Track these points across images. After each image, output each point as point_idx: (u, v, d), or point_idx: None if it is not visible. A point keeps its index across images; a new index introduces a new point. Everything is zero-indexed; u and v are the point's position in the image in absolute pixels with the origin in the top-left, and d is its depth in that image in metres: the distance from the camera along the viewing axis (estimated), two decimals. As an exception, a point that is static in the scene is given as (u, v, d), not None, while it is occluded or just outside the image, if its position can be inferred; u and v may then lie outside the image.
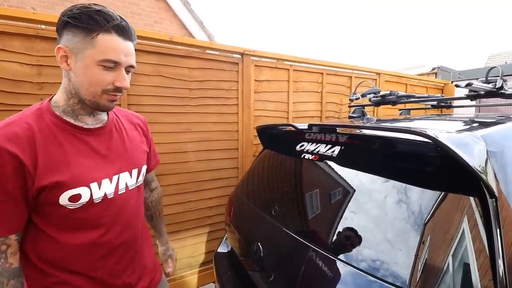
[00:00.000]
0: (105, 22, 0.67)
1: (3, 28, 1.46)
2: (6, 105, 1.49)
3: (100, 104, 0.74)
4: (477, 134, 0.77)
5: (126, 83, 0.73)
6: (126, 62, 0.72)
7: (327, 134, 1.13)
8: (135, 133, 0.93)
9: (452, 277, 0.65)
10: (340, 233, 0.88)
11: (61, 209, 0.70)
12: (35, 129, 0.67)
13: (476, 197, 0.68)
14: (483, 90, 1.25)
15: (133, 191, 0.86)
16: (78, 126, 0.75)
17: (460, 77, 3.95)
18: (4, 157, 0.62)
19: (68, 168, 0.70)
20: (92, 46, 0.67)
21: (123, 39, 0.71)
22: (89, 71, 0.69)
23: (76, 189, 0.70)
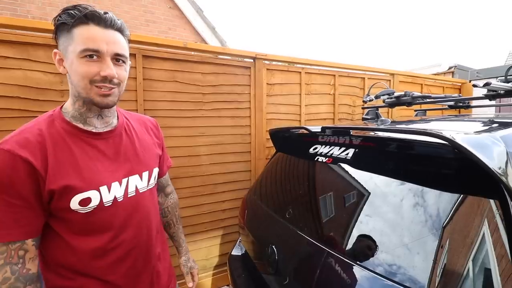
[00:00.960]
0: (78, 14, 0.67)
1: (29, 39, 1.54)
2: (31, 112, 1.57)
3: (93, 99, 0.71)
4: (496, 135, 0.75)
5: (111, 71, 0.69)
6: (109, 50, 0.69)
7: (341, 137, 1.12)
8: (147, 136, 0.93)
9: (472, 282, 0.63)
10: (356, 236, 0.87)
11: (73, 214, 0.71)
12: (45, 135, 0.69)
13: (496, 200, 0.67)
14: (503, 90, 1.21)
15: (144, 194, 0.86)
16: (86, 130, 0.76)
17: (479, 76, 3.82)
18: (17, 163, 0.64)
19: (77, 172, 0.71)
20: (72, 40, 0.67)
21: (102, 27, 0.69)
22: (74, 65, 0.68)
23: (86, 193, 0.71)
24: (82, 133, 0.75)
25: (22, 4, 4.00)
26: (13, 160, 0.64)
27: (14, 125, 1.53)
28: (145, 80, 1.87)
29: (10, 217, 0.64)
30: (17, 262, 0.65)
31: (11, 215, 0.64)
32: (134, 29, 4.73)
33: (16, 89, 1.53)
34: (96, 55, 0.68)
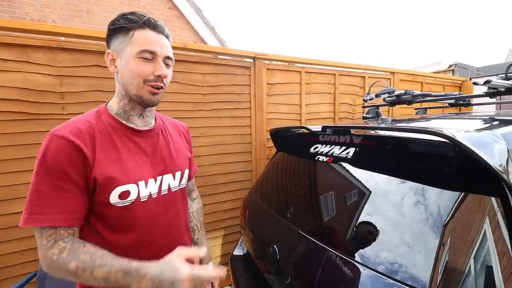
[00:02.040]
0: (138, 19, 0.75)
1: (27, 41, 1.55)
2: (30, 114, 1.57)
3: (144, 97, 0.78)
4: (497, 133, 0.75)
5: (164, 71, 0.77)
6: (162, 53, 0.77)
7: (341, 136, 1.12)
8: (179, 139, 0.98)
9: (474, 280, 0.63)
10: (357, 235, 0.87)
11: (111, 209, 0.74)
12: (94, 127, 0.74)
13: (497, 197, 0.67)
14: (503, 87, 1.20)
15: (176, 193, 0.90)
16: (129, 127, 0.81)
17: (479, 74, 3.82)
18: (70, 149, 0.68)
19: (120, 165, 0.75)
20: (130, 42, 0.75)
21: (156, 32, 0.77)
22: (130, 65, 0.75)
23: (126, 186, 0.74)
24: (126, 129, 0.80)
25: (21, 7, 4.00)
26: (66, 145, 0.68)
27: (14, 128, 1.54)
28: (145, 81, 1.86)
29: (61, 202, 0.67)
30: (68, 236, 0.68)
31: (62, 200, 0.67)
32: (133, 30, 4.73)
33: (16, 91, 1.53)
34: (152, 56, 0.75)
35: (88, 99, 1.71)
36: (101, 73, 1.74)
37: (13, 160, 1.54)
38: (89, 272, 0.64)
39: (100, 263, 0.65)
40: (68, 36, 1.65)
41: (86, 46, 1.69)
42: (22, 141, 1.56)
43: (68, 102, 1.66)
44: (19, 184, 1.56)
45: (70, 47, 1.65)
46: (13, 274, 1.56)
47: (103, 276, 0.64)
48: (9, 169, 1.53)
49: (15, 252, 1.57)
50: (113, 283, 0.64)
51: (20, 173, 1.56)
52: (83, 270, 0.64)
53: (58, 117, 1.64)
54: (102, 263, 0.65)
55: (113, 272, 0.64)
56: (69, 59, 1.65)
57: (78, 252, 0.66)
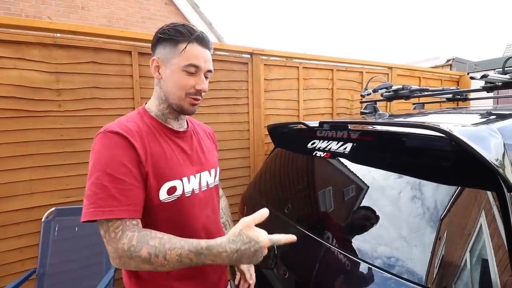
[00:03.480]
0: (189, 34, 0.78)
1: (23, 38, 1.53)
2: (26, 111, 1.56)
3: (184, 107, 0.81)
4: (493, 127, 0.75)
5: (205, 86, 0.81)
6: (205, 67, 0.81)
7: (339, 131, 1.12)
8: (207, 140, 1.03)
9: (470, 273, 0.64)
10: (354, 230, 0.88)
11: (161, 205, 0.76)
12: (141, 127, 0.78)
13: (493, 191, 0.67)
14: (500, 81, 1.20)
15: (212, 189, 0.94)
16: (169, 127, 0.85)
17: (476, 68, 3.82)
18: (126, 144, 0.71)
19: (166, 162, 0.78)
20: (179, 54, 0.78)
21: (202, 47, 0.80)
22: (175, 76, 0.79)
23: (173, 182, 0.78)
24: (166, 129, 0.84)
25: (16, 3, 3.95)
26: (121, 141, 0.71)
27: (10, 125, 1.53)
28: (142, 78, 1.86)
29: (124, 195, 0.68)
30: (134, 226, 0.69)
31: (124, 193, 0.68)
32: (130, 26, 4.69)
33: (11, 88, 1.52)
34: (195, 70, 0.79)
35: (85, 96, 1.70)
36: (98, 69, 1.73)
37: (10, 157, 1.53)
38: (162, 257, 0.64)
39: (170, 246, 0.65)
40: (63, 32, 1.64)
41: (82, 42, 1.68)
42: (18, 139, 1.55)
43: (65, 99, 1.65)
44: (17, 182, 1.55)
45: (65, 44, 1.63)
46: (12, 272, 1.57)
47: (176, 258, 0.65)
48: (6, 166, 1.53)
49: (14, 250, 1.57)
50: (188, 264, 0.66)
51: (17, 170, 1.55)
52: (156, 255, 0.64)
53: (55, 114, 1.63)
54: (171, 246, 0.65)
55: (185, 254, 0.65)
56: (65, 56, 1.64)
57: (146, 238, 0.66)
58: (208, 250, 0.65)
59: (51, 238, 1.59)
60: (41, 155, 1.61)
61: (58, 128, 1.64)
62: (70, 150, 1.67)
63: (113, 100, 1.78)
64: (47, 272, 1.55)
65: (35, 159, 1.59)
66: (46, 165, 1.62)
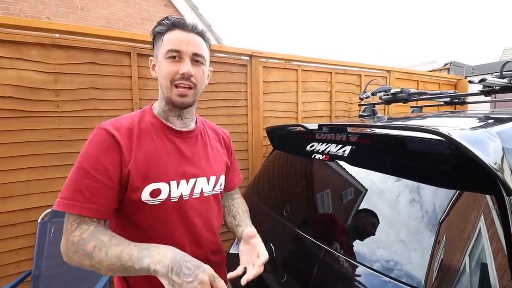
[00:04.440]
0: (167, 22, 0.77)
1: (21, 38, 1.52)
2: (24, 112, 1.55)
3: (172, 99, 0.78)
4: (492, 131, 0.75)
5: (187, 68, 0.76)
6: (189, 51, 0.77)
7: (337, 134, 1.12)
8: (218, 144, 0.99)
9: (469, 277, 0.63)
10: (353, 233, 0.88)
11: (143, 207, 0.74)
12: (135, 124, 0.77)
13: (492, 195, 0.67)
14: (498, 85, 1.21)
15: (208, 198, 0.87)
16: (169, 126, 0.83)
17: (474, 72, 3.84)
18: (109, 140, 0.71)
19: (154, 163, 0.76)
20: (161, 45, 0.77)
21: (184, 31, 0.77)
22: (161, 67, 0.77)
23: (157, 184, 0.75)
24: (166, 128, 0.82)
25: (15, 3, 3.95)
26: (106, 136, 0.71)
27: (7, 126, 1.52)
28: (140, 79, 1.85)
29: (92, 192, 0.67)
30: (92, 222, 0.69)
31: (93, 190, 0.67)
32: (129, 27, 4.69)
33: (9, 89, 1.51)
34: (178, 55, 0.76)
35: (83, 96, 1.69)
36: (96, 70, 1.72)
37: (6, 158, 1.52)
38: (104, 252, 0.62)
39: (117, 243, 0.64)
40: (62, 33, 1.63)
41: (80, 43, 1.67)
42: (16, 139, 1.54)
43: (63, 100, 1.64)
44: (13, 183, 1.54)
45: (64, 44, 1.63)
46: (8, 273, 1.55)
47: (117, 253, 0.62)
48: (2, 167, 1.51)
49: (10, 251, 1.56)
50: (126, 261, 0.61)
51: (14, 171, 1.54)
52: (99, 249, 0.63)
53: (53, 114, 1.62)
54: (119, 243, 0.64)
55: (127, 250, 0.62)
56: (63, 56, 1.63)
57: (98, 234, 0.65)
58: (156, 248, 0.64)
59: (47, 240, 1.58)
60: (38, 155, 1.60)
61: (56, 128, 1.63)
62: (68, 151, 1.66)
63: (111, 101, 1.78)
64: (43, 274, 1.53)
65: (32, 160, 1.58)
66: (44, 166, 1.61)
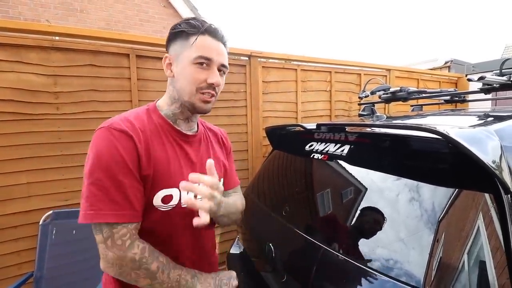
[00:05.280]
0: (200, 26, 0.74)
1: (20, 41, 1.53)
2: (24, 115, 1.56)
3: (196, 104, 0.76)
4: (490, 129, 0.75)
5: (218, 79, 0.75)
6: (218, 61, 0.76)
7: (336, 133, 1.12)
8: (217, 145, 0.97)
9: (468, 275, 0.63)
10: (352, 232, 0.88)
11: (154, 212, 0.71)
12: (146, 126, 0.73)
13: (491, 194, 0.67)
14: (497, 83, 1.21)
15: None
16: (177, 129, 0.79)
17: (474, 70, 3.84)
18: (128, 142, 0.67)
19: (167, 167, 0.73)
20: (189, 47, 0.73)
21: (215, 40, 0.76)
22: (185, 70, 0.74)
23: (170, 190, 0.73)
24: (174, 131, 0.79)
25: (14, 6, 3.96)
26: (123, 138, 0.66)
27: (8, 128, 1.52)
28: (140, 80, 1.86)
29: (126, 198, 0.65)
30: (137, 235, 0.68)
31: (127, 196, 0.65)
32: (128, 28, 4.70)
33: (9, 92, 1.52)
34: (207, 63, 0.74)
35: (83, 98, 1.70)
36: (95, 72, 1.73)
37: (7, 160, 1.53)
38: (167, 274, 0.67)
39: (174, 265, 0.70)
40: (61, 35, 1.64)
41: (79, 45, 1.68)
42: (16, 142, 1.54)
43: (62, 102, 1.65)
44: (14, 185, 1.55)
45: (63, 47, 1.63)
46: (9, 275, 1.56)
47: (176, 277, 0.68)
48: (3, 170, 1.52)
49: (11, 253, 1.57)
50: (183, 285, 0.69)
51: (15, 173, 1.55)
52: (162, 271, 0.66)
53: (53, 117, 1.63)
54: (175, 266, 0.70)
55: (184, 275, 0.70)
56: (62, 59, 1.64)
57: (156, 254, 0.68)
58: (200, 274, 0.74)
59: (48, 242, 1.58)
60: (38, 158, 1.60)
61: (56, 131, 1.64)
62: (68, 153, 1.67)
63: (111, 102, 1.78)
64: (45, 275, 1.54)
65: (32, 162, 1.59)
66: (44, 168, 1.62)
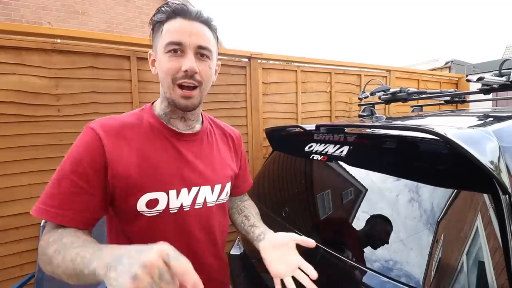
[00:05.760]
0: (167, 9, 0.65)
1: (23, 44, 1.54)
2: (26, 117, 1.57)
3: (175, 101, 0.68)
4: (488, 130, 0.75)
5: (191, 64, 0.64)
6: (192, 43, 0.65)
7: (335, 134, 1.13)
8: (225, 147, 0.88)
9: (466, 276, 0.64)
10: (351, 233, 0.88)
11: (139, 218, 0.66)
12: (129, 125, 0.68)
13: (489, 194, 0.67)
14: (497, 84, 1.21)
15: (211, 209, 0.78)
16: (170, 128, 0.73)
17: (475, 70, 3.83)
18: (94, 141, 0.63)
19: (152, 169, 0.67)
20: (160, 36, 0.66)
21: (187, 19, 0.65)
22: (161, 63, 0.66)
23: (155, 193, 0.66)
24: (167, 130, 0.72)
25: (16, 9, 3.99)
26: (92, 137, 0.63)
27: (10, 130, 1.54)
28: (140, 82, 1.87)
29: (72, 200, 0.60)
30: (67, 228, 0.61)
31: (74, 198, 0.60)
32: (129, 31, 4.72)
33: (11, 94, 1.53)
34: (179, 49, 0.64)
35: (84, 100, 1.71)
36: (97, 74, 1.74)
37: (9, 162, 1.54)
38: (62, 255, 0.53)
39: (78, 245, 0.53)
40: (63, 38, 1.66)
41: (80, 48, 1.69)
42: (18, 143, 1.55)
43: (64, 104, 1.66)
44: (16, 186, 1.56)
45: (65, 49, 1.65)
46: (11, 276, 1.57)
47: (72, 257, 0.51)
48: (5, 171, 1.53)
49: (13, 254, 1.57)
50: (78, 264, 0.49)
51: (17, 175, 1.56)
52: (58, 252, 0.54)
53: (54, 119, 1.64)
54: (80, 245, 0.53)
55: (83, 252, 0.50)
56: (64, 61, 1.65)
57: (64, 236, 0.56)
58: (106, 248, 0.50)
59: (50, 243, 1.59)
60: (40, 159, 1.61)
61: (58, 132, 1.65)
62: (69, 155, 1.68)
63: (112, 104, 1.79)
64: (46, 276, 1.54)
65: (34, 164, 1.60)
66: (46, 169, 1.62)
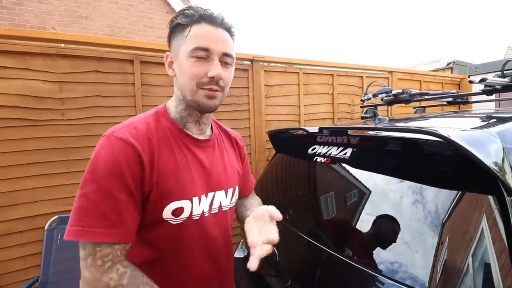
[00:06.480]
0: (193, 14, 0.65)
1: (27, 48, 1.56)
2: (30, 121, 1.58)
3: (199, 102, 0.68)
4: (492, 131, 0.75)
5: (218, 71, 0.65)
6: (218, 50, 0.66)
7: (338, 137, 1.13)
8: (231, 149, 0.89)
9: (472, 278, 0.63)
10: (356, 236, 0.88)
11: (164, 226, 0.66)
12: (153, 131, 0.67)
13: (494, 196, 0.67)
14: (499, 85, 1.21)
15: (226, 212, 0.79)
16: (188, 134, 0.73)
17: (477, 71, 3.82)
18: (130, 153, 0.60)
19: (177, 177, 0.66)
20: (184, 39, 0.66)
21: (213, 26, 0.66)
22: (184, 66, 0.66)
23: (180, 202, 0.66)
24: (185, 136, 0.72)
25: (20, 14, 4.03)
26: (124, 148, 0.60)
27: (14, 134, 1.55)
28: (143, 86, 1.88)
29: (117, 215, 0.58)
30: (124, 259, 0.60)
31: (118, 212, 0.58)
32: (132, 35, 4.76)
33: (16, 98, 1.54)
34: (206, 54, 0.65)
35: (88, 104, 1.72)
36: (100, 78, 1.75)
37: (13, 166, 1.55)
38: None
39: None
40: (67, 42, 1.67)
41: (84, 52, 1.71)
42: (22, 147, 1.57)
43: (68, 108, 1.67)
44: (19, 190, 1.57)
45: (69, 54, 1.66)
46: (16, 280, 1.57)
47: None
48: (10, 175, 1.54)
49: (17, 258, 1.58)
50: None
51: (20, 179, 1.57)
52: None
53: (58, 123, 1.65)
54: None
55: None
56: (68, 65, 1.67)
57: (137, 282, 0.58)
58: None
59: (54, 246, 1.60)
60: (44, 163, 1.62)
61: (62, 136, 1.66)
62: (73, 158, 1.69)
63: (115, 108, 1.81)
64: (50, 280, 1.55)
65: (38, 168, 1.61)
66: (50, 173, 1.64)
